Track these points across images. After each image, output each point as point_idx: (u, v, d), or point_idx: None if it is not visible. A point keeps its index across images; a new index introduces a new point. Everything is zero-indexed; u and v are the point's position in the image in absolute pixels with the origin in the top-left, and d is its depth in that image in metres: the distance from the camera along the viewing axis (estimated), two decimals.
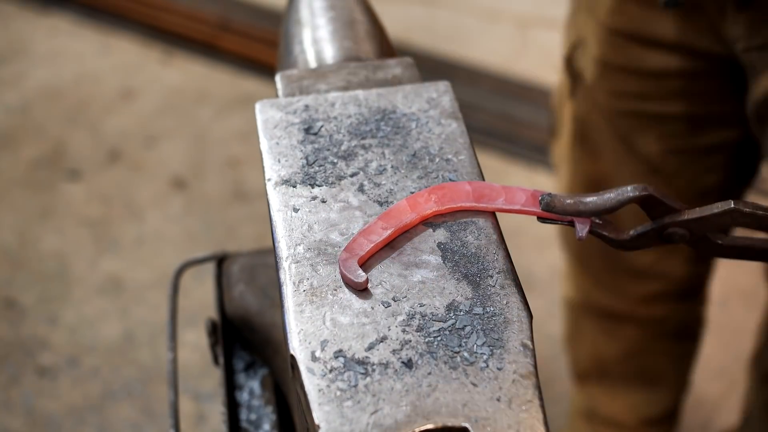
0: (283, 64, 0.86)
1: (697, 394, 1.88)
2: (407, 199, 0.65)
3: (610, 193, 0.62)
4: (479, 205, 0.65)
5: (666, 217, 0.64)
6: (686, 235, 0.64)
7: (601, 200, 0.63)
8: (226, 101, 2.70)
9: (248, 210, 2.39)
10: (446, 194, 0.65)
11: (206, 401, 1.98)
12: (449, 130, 0.72)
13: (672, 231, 0.64)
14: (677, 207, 0.63)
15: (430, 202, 0.65)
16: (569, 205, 0.63)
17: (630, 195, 0.62)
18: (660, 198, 0.62)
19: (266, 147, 0.71)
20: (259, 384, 1.00)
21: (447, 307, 0.60)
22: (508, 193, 0.66)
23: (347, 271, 0.60)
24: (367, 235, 0.63)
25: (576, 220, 0.65)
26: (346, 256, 0.61)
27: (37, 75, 2.82)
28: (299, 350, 0.57)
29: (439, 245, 0.63)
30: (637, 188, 0.62)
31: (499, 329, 0.58)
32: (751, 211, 0.61)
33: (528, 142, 2.56)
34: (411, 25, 2.97)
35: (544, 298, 2.14)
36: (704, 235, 0.64)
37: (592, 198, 0.63)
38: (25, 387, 2.02)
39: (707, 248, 0.65)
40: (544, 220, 0.66)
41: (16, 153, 2.56)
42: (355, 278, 0.60)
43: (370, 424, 0.53)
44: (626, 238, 0.66)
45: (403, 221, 0.64)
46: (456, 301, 0.60)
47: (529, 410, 0.54)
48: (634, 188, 0.62)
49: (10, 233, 2.34)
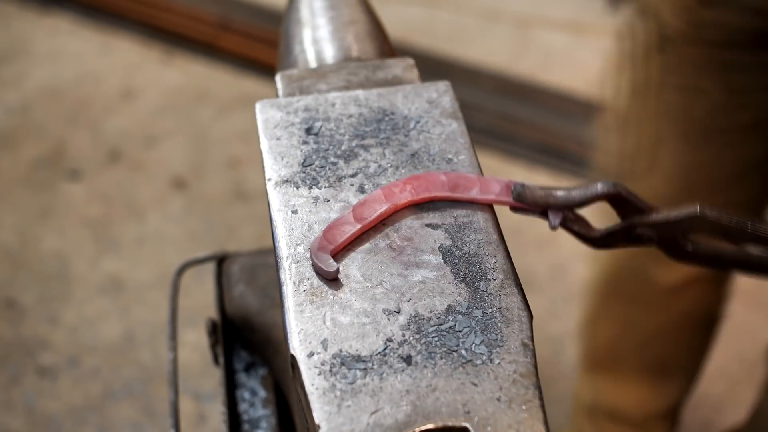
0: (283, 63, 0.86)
1: (697, 394, 1.88)
2: (382, 189, 0.65)
3: (579, 189, 0.63)
4: (454, 195, 0.65)
5: (635, 217, 0.63)
6: (654, 236, 0.63)
7: (570, 195, 0.63)
8: (226, 101, 2.70)
9: (248, 210, 2.39)
10: (421, 184, 0.65)
11: (206, 401, 1.98)
12: (449, 130, 0.72)
13: (640, 232, 0.64)
14: (645, 207, 0.63)
15: (405, 192, 0.65)
16: (540, 197, 0.64)
17: (598, 191, 0.62)
18: (627, 197, 0.62)
19: (266, 147, 0.71)
20: (259, 384, 1.00)
21: (447, 306, 0.60)
22: (482, 183, 0.66)
23: (318, 261, 0.61)
24: (340, 225, 0.63)
25: (549, 212, 0.64)
26: (318, 245, 0.62)
27: (38, 75, 2.82)
28: (299, 350, 0.57)
29: (440, 246, 0.63)
30: (605, 185, 0.62)
31: (499, 329, 0.58)
32: (715, 219, 0.60)
33: (528, 142, 2.56)
34: (411, 25, 2.97)
35: (544, 298, 2.14)
36: (673, 238, 0.63)
37: (562, 192, 0.63)
38: (25, 387, 2.02)
39: (676, 252, 0.64)
40: (517, 210, 0.66)
41: (16, 153, 2.56)
42: (325, 267, 0.60)
43: (370, 423, 0.53)
44: (596, 235, 0.66)
45: (378, 211, 0.64)
46: (456, 301, 0.60)
47: (530, 410, 0.54)
48: (603, 185, 0.62)
49: (11, 233, 2.34)
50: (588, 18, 2.95)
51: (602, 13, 2.97)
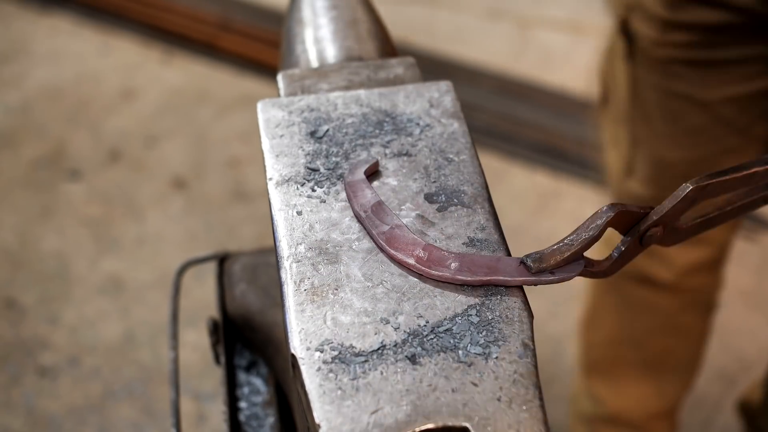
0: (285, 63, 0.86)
1: (697, 394, 1.88)
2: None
3: (585, 230, 0.62)
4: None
5: (640, 224, 0.64)
6: (660, 231, 0.64)
7: (581, 238, 0.62)
8: (226, 101, 2.70)
9: (248, 210, 2.39)
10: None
11: (206, 401, 1.98)
12: (451, 130, 0.72)
13: (650, 234, 0.64)
14: (644, 211, 0.64)
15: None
16: (558, 257, 0.63)
17: (602, 222, 0.61)
18: (625, 210, 0.62)
19: (268, 146, 0.71)
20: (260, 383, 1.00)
21: (448, 307, 0.60)
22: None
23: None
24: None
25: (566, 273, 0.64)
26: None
27: (38, 75, 2.82)
28: (300, 349, 0.57)
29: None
30: (606, 212, 0.62)
31: (500, 329, 0.58)
32: (708, 183, 0.62)
33: (528, 142, 2.56)
34: (412, 25, 2.97)
35: (545, 298, 2.14)
36: (673, 227, 0.65)
37: (572, 241, 0.62)
38: (25, 387, 2.02)
39: (674, 237, 0.66)
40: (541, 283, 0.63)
41: (16, 153, 2.56)
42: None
43: (370, 423, 0.53)
44: (607, 264, 0.65)
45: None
46: (457, 301, 0.60)
47: (530, 410, 0.54)
48: (604, 213, 0.62)
49: (11, 233, 2.34)
50: (588, 18, 2.95)
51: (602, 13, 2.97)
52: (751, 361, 2.02)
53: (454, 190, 0.67)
